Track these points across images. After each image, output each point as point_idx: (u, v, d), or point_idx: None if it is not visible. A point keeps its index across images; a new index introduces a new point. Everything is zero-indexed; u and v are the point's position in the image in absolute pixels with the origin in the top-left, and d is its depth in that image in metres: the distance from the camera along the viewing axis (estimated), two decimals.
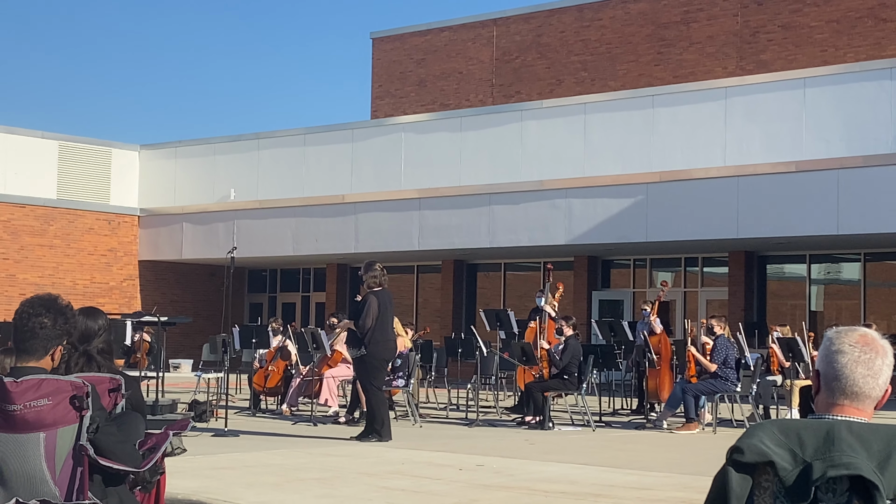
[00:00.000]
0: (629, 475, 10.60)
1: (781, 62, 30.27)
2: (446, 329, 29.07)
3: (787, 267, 27.50)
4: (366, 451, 12.31)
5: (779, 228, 23.26)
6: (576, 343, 16.23)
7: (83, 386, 4.68)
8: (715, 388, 15.46)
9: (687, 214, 24.24)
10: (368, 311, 13.37)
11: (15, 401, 4.60)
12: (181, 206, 33.12)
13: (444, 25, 37.25)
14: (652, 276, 28.62)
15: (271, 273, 35.70)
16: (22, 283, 30.18)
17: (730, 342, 16.04)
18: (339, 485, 9.71)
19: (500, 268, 30.82)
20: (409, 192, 28.58)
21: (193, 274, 34.33)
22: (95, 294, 31.71)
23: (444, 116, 30.63)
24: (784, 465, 2.69)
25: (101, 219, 32.63)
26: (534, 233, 26.32)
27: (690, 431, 15.26)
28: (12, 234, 30.75)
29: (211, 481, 9.52)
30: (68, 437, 4.67)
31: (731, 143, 24.84)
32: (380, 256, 23.90)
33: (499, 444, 13.57)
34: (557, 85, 34.34)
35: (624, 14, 33.49)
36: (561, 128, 27.44)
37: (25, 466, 4.68)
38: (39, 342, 4.78)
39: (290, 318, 30.56)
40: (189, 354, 30.56)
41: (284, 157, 32.12)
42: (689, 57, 32.20)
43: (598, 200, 25.38)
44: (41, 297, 4.89)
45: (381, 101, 38.25)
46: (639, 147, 26.03)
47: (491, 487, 9.62)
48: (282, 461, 11.29)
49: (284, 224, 30.52)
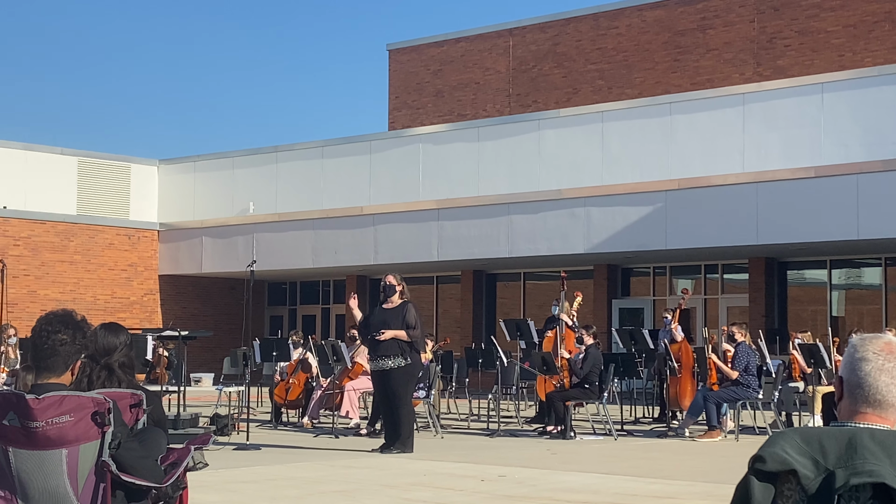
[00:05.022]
0: (652, 484, 10.56)
1: (799, 67, 30.19)
2: (466, 339, 29.05)
3: (808, 273, 27.40)
4: (388, 462, 12.31)
5: (799, 234, 23.19)
6: (596, 352, 16.20)
7: (105, 402, 4.69)
8: (737, 396, 15.41)
9: (706, 221, 24.18)
10: (419, 319, 13.36)
11: (37, 418, 4.62)
12: (200, 220, 33.24)
13: (460, 36, 37.30)
14: (672, 284, 28.56)
15: (291, 286, 35.76)
16: (43, 300, 30.29)
17: (751, 349, 15.97)
18: (361, 497, 9.70)
19: (519, 277, 30.80)
20: (427, 203, 28.61)
21: (213, 288, 34.42)
22: (116, 309, 31.82)
23: (461, 127, 30.66)
24: (806, 474, 2.67)
25: (120, 234, 32.77)
26: (553, 242, 26.29)
27: (713, 439, 15.20)
28: (33, 250, 30.89)
29: (233, 495, 9.53)
30: (90, 453, 4.68)
31: (749, 150, 24.78)
32: (399, 268, 23.90)
33: (520, 454, 13.55)
34: (574, 94, 34.33)
35: (640, 22, 33.47)
36: (578, 136, 27.43)
37: (48, 483, 4.69)
38: (60, 359, 4.80)
39: (310, 331, 30.60)
40: (210, 368, 30.59)
41: (303, 169, 32.21)
42: (706, 63, 32.15)
43: (617, 209, 25.35)
44: (57, 314, 4.91)
45: (398, 113, 38.31)
46: (657, 155, 26.00)
47: (513, 498, 9.60)
48: (304, 474, 11.29)
49: (303, 237, 30.58)
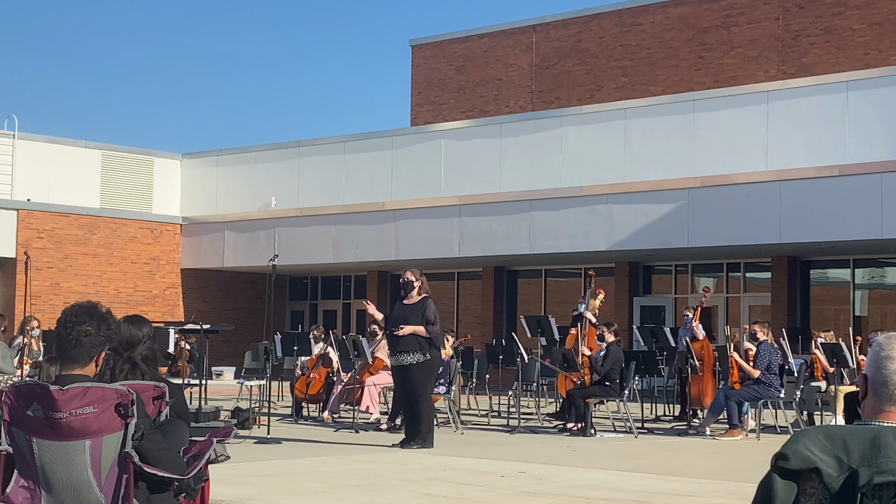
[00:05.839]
0: (672, 482, 10.54)
1: (823, 65, 30.04)
2: (487, 336, 29.05)
3: (831, 272, 27.27)
4: (408, 457, 12.32)
5: (822, 233, 23.07)
6: (617, 349, 16.17)
7: (128, 394, 4.72)
8: (758, 395, 15.36)
9: (729, 219, 24.09)
10: (438, 315, 13.34)
11: (61, 409, 4.65)
12: (223, 214, 33.33)
13: (483, 32, 37.26)
14: (694, 282, 28.47)
15: (312, 280, 35.81)
16: (66, 292, 30.44)
17: (773, 348, 15.92)
18: (381, 491, 9.72)
19: (540, 274, 30.76)
20: (449, 199, 28.60)
21: (235, 282, 34.51)
22: (138, 302, 31.95)
23: (483, 123, 30.65)
24: (829, 472, 2.67)
25: (143, 227, 32.89)
26: (574, 239, 26.24)
27: (734, 438, 15.16)
28: (56, 243, 31.04)
29: (254, 488, 9.56)
30: (114, 444, 4.70)
31: (773, 148, 24.68)
32: (420, 263, 23.91)
33: (540, 450, 13.54)
34: (597, 90, 34.25)
35: (664, 19, 33.36)
36: (601, 133, 27.38)
37: (71, 474, 4.72)
38: (84, 350, 4.82)
39: (331, 326, 30.64)
40: (231, 362, 30.74)
41: (325, 164, 32.26)
42: (730, 61, 32.02)
43: (639, 206, 25.28)
44: (82, 306, 4.94)
45: (420, 109, 38.31)
46: (680, 152, 25.92)
47: (533, 494, 9.60)
48: (324, 468, 11.32)
49: (325, 231, 30.62)
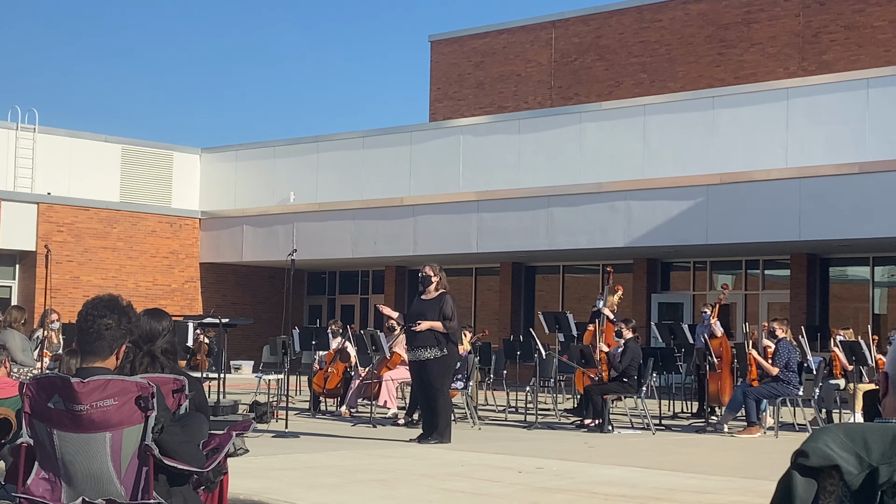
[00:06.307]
0: (690, 479, 10.53)
1: (844, 62, 29.91)
2: (504, 331, 29.05)
3: (850, 269, 27.16)
4: (425, 452, 12.33)
5: (842, 230, 22.97)
6: (635, 346, 16.15)
7: (148, 387, 4.74)
8: (777, 392, 15.32)
9: (748, 216, 24.01)
10: (456, 310, 13.33)
11: (82, 401, 4.67)
12: (241, 208, 33.41)
13: (502, 28, 37.22)
14: (712, 279, 28.40)
15: (330, 275, 35.87)
16: (86, 286, 30.57)
17: (792, 345, 15.88)
18: (398, 486, 9.73)
19: (558, 270, 30.73)
20: (467, 195, 28.60)
21: (253, 276, 34.59)
22: (157, 296, 32.05)
23: (502, 119, 30.63)
24: (850, 470, 2.66)
25: (162, 221, 32.99)
26: (592, 235, 26.21)
27: (752, 435, 15.12)
28: (76, 236, 31.16)
29: (272, 482, 9.59)
30: (134, 437, 4.73)
31: (792, 145, 24.59)
32: (438, 259, 23.92)
33: (558, 446, 13.54)
34: (616, 87, 34.18)
35: (684, 15, 33.27)
36: (620, 130, 27.34)
37: (92, 466, 4.75)
38: (105, 343, 4.85)
39: (348, 320, 30.69)
40: (249, 356, 30.80)
41: (343, 160, 32.29)
42: (750, 58, 31.92)
43: (658, 203, 25.22)
44: (103, 299, 4.96)
45: (439, 104, 38.31)
46: (699, 149, 25.86)
47: (550, 490, 9.60)
48: (341, 462, 11.34)
49: (343, 227, 30.65)
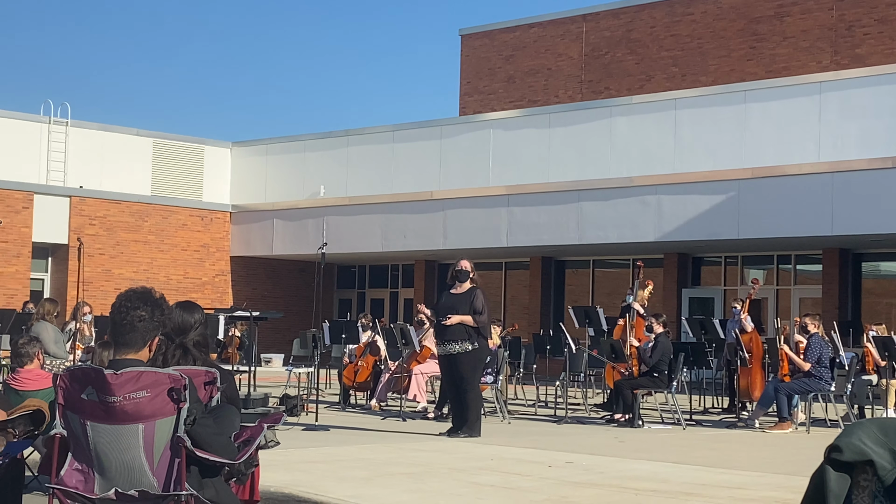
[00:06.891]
0: (721, 474, 10.49)
1: (877, 56, 29.68)
2: (534, 326, 29.02)
3: (883, 265, 26.97)
4: (455, 446, 12.34)
5: (875, 225, 22.81)
6: (666, 340, 16.10)
7: (181, 379, 4.76)
8: (809, 388, 15.24)
9: (780, 211, 23.88)
10: (486, 304, 13.38)
11: (115, 392, 4.70)
12: (272, 202, 33.52)
13: (532, 21, 37.16)
14: (743, 274, 28.27)
15: (360, 269, 35.94)
16: (117, 279, 30.76)
17: (824, 341, 15.79)
18: (428, 479, 9.75)
19: (588, 265, 30.66)
20: (497, 189, 28.58)
21: (284, 270, 34.70)
22: (188, 289, 32.21)
23: (532, 113, 30.58)
24: (883, 464, 2.65)
25: (193, 215, 33.14)
26: (623, 230, 26.14)
27: (783, 431, 15.05)
28: (108, 229, 31.36)
29: (303, 475, 9.62)
30: (166, 428, 4.76)
31: (825, 139, 24.43)
32: (468, 253, 23.91)
33: (588, 441, 13.52)
34: (647, 81, 34.06)
35: (716, 8, 33.11)
36: (651, 124, 27.23)
37: (124, 457, 4.78)
38: (139, 335, 4.88)
39: (378, 314, 30.73)
40: (280, 349, 30.92)
41: (373, 154, 32.33)
42: (783, 52, 31.72)
43: (689, 197, 25.13)
44: (136, 291, 5.00)
45: (469, 98, 38.29)
46: (730, 143, 25.73)
47: (580, 485, 9.58)
48: (371, 455, 11.36)
49: (373, 220, 30.70)
